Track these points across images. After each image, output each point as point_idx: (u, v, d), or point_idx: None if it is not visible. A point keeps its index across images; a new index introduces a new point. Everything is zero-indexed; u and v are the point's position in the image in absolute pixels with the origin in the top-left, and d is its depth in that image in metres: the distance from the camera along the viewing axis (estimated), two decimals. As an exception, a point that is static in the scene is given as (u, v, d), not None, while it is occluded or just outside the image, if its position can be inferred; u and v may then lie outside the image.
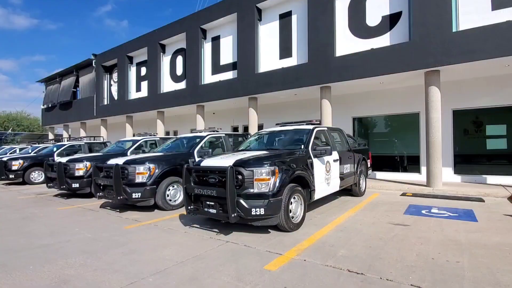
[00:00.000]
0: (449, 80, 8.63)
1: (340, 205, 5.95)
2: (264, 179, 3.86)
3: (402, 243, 3.62)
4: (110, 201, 6.38)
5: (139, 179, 5.65)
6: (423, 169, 9.11)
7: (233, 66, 12.15)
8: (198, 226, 4.61)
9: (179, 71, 14.63)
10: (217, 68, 12.87)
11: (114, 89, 19.41)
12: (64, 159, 7.95)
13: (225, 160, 4.17)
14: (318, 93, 9.67)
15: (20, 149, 15.99)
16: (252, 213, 3.78)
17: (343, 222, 4.65)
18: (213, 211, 4.09)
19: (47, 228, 4.75)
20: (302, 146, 4.92)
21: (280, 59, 10.74)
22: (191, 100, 13.21)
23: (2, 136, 35.39)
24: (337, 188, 5.66)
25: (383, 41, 8.50)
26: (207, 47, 13.35)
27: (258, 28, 11.24)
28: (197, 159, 5.33)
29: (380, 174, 10.15)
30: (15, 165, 11.36)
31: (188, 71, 13.61)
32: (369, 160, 7.56)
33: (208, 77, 13.18)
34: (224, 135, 7.56)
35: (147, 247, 3.69)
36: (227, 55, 12.47)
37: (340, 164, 5.78)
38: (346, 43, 9.13)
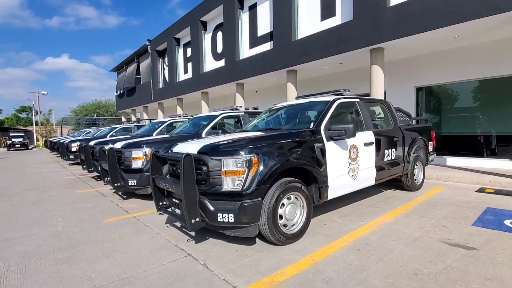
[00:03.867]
0: None
1: (379, 204, 4.39)
2: (236, 172, 2.71)
3: (453, 288, 2.12)
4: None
5: (135, 164, 5.08)
6: (521, 154, 6.54)
7: (270, 36, 10.75)
8: (179, 225, 3.76)
9: (220, 48, 13.84)
10: (254, 40, 11.62)
11: (167, 72, 19.88)
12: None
13: (192, 146, 3.14)
14: (367, 59, 7.68)
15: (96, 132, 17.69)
16: (219, 220, 2.72)
17: (369, 234, 3.21)
18: (179, 211, 3.15)
19: (36, 215, 4.53)
20: (311, 125, 3.53)
21: (322, 20, 8.92)
22: (229, 78, 12.37)
23: (90, 121, 41.16)
24: (370, 182, 4.12)
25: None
26: (244, 18, 12.13)
27: (296, -14, 9.50)
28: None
29: (452, 160, 7.77)
30: (74, 147, 12.40)
31: (226, 46, 12.71)
32: (431, 143, 5.57)
33: (246, 51, 12.05)
34: (242, 113, 6.49)
35: (94, 253, 2.99)
36: (265, 24, 11.07)
37: (378, 148, 4.17)
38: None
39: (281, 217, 2.94)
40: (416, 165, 5.09)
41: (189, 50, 16.44)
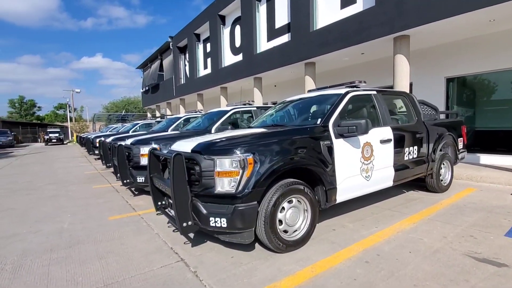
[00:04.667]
0: None
1: (398, 207, 3.98)
2: (230, 173, 2.48)
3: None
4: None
5: (143, 161, 5.02)
6: None
7: (288, 28, 10.33)
8: (180, 225, 3.62)
9: (238, 42, 13.61)
10: (272, 32, 11.25)
11: (188, 68, 20.05)
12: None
13: (189, 144, 2.95)
14: (391, 48, 7.09)
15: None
16: (211, 224, 2.52)
17: (382, 243, 2.87)
18: (173, 213, 2.99)
19: (49, 210, 4.62)
20: (319, 121, 3.20)
21: (341, 8, 8.38)
22: (247, 72, 12.13)
23: (119, 117, 42.97)
24: (387, 184, 3.72)
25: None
26: (262, 10, 11.79)
27: (315, -27, 9.00)
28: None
29: (487, 158, 7.01)
30: (98, 143, 12.85)
31: (244, 40, 12.46)
32: (460, 139, 5.00)
33: (264, 44, 11.72)
34: (255, 108, 6.24)
35: (89, 254, 2.91)
36: (283, 15, 10.66)
37: (397, 146, 3.75)
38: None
39: (281, 222, 2.69)
40: (443, 164, 4.57)
41: (208, 46, 16.37)
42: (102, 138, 11.80)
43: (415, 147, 4.05)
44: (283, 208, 2.69)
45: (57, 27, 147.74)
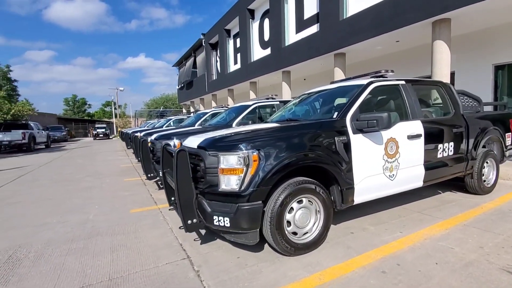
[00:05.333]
0: None
1: (429, 210, 3.58)
2: (234, 171, 2.37)
3: None
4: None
5: (165, 156, 5.11)
6: None
7: (317, 18, 9.89)
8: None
9: (267, 36, 13.41)
10: (301, 24, 10.87)
11: (219, 64, 20.29)
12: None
13: (197, 140, 2.89)
14: (429, 34, 6.41)
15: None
16: (215, 223, 2.44)
17: (405, 251, 2.57)
18: (182, 209, 2.97)
19: (80, 201, 4.90)
20: (335, 115, 2.95)
21: (374, -7, 7.77)
22: (275, 66, 11.91)
23: (158, 113, 45.17)
24: (416, 184, 3.35)
25: None
26: (290, 1, 11.43)
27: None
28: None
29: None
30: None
31: (272, 33, 12.21)
32: (509, 134, 4.35)
33: (293, 36, 11.39)
34: (277, 103, 6.06)
35: (104, 246, 3.00)
36: (312, 5, 10.23)
37: (429, 141, 3.36)
38: None
39: (289, 223, 2.52)
40: (486, 162, 4.02)
41: (238, 41, 16.38)
42: (138, 133, 12.40)
43: (451, 143, 3.59)
44: (291, 208, 2.52)
45: (105, 30, 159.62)
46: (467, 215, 3.36)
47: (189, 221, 2.54)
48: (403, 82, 3.47)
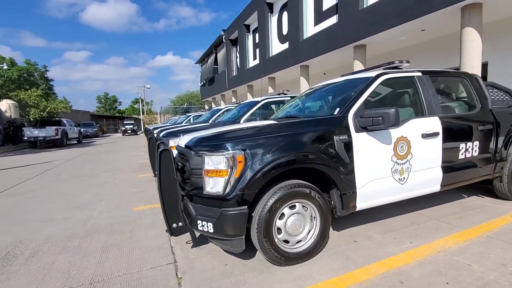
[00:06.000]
0: None
1: (449, 217, 3.19)
2: (218, 172, 2.20)
3: None
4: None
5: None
6: None
7: (336, 9, 9.40)
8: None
9: (285, 29, 13.04)
10: (320, 15, 10.41)
11: (239, 60, 20.18)
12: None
13: (188, 138, 2.74)
14: (458, 20, 5.80)
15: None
16: (199, 227, 2.28)
17: (412, 266, 2.26)
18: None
19: (91, 197, 4.98)
20: (336, 111, 2.67)
21: (398, -21, 7.18)
22: (293, 61, 11.56)
23: (182, 109, 46.25)
24: (433, 188, 2.98)
25: None
26: (309, -8, 10.98)
27: None
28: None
29: None
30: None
31: (291, 26, 11.84)
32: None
33: (311, 29, 10.96)
34: (288, 98, 5.79)
35: (97, 245, 2.97)
36: (331, -5, 9.74)
37: (448, 140, 2.97)
38: None
39: (280, 230, 2.31)
40: (520, 164, 3.52)
41: (257, 36, 16.14)
42: (156, 130, 12.60)
43: (477, 142, 3.16)
44: (282, 214, 2.30)
45: (136, 30, 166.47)
46: (492, 225, 2.94)
47: (174, 224, 2.41)
48: (419, 74, 3.09)
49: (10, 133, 19.61)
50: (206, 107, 32.66)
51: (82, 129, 26.15)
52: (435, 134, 2.88)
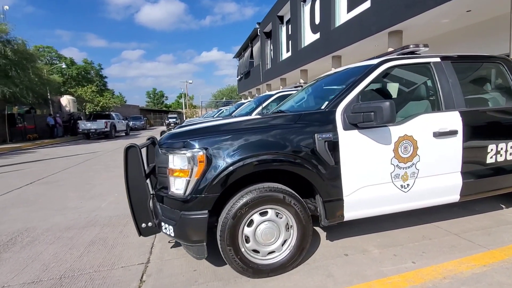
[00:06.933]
0: None
1: (471, 233, 2.64)
2: (180, 172, 2.03)
3: None
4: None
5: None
6: None
7: (371, -9, 8.57)
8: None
9: (318, 19, 12.36)
10: (353, 0, 9.61)
11: (272, 53, 19.80)
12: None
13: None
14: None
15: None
16: (163, 229, 2.16)
17: (404, 291, 1.88)
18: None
19: (108, 188, 5.18)
20: (324, 105, 2.32)
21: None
22: (324, 51, 10.93)
23: (222, 103, 47.34)
24: (450, 198, 2.48)
25: None
26: (343, -24, 10.21)
27: None
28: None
29: None
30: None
31: (323, 14, 11.17)
32: None
33: (344, 16, 10.20)
34: (305, 91, 5.40)
35: (87, 238, 3.02)
36: (366, -23, 8.91)
37: (470, 140, 2.43)
38: None
39: (247, 239, 2.07)
40: None
41: (290, 28, 15.61)
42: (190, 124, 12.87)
43: (510, 143, 2.55)
44: (252, 221, 2.06)
45: (184, 28, 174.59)
46: (527, 247, 2.36)
47: (143, 224, 2.31)
48: (437, 60, 2.56)
49: (70, 126, 21.92)
50: (243, 100, 32.91)
51: (131, 122, 28.17)
52: (453, 133, 2.37)
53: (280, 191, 2.06)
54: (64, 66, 28.45)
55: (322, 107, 2.29)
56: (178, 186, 2.04)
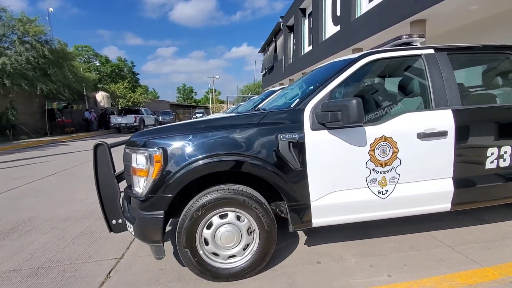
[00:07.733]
0: None
1: (469, 245, 2.35)
2: (140, 171, 2.02)
3: None
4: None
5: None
6: None
7: (393, -22, 7.98)
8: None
9: (339, 9, 11.82)
10: (376, -11, 9.04)
11: (295, 47, 19.37)
12: None
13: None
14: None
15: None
16: (127, 228, 2.17)
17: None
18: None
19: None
20: (294, 103, 2.17)
21: None
22: (344, 44, 10.44)
23: (247, 98, 47.58)
24: (439, 206, 2.22)
25: None
26: (365, -37, 9.62)
27: None
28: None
29: None
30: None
31: (343, 3, 10.65)
32: None
33: (365, 6, 9.64)
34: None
35: (78, 230, 3.16)
36: (389, -37, 8.30)
37: (463, 141, 2.15)
38: None
39: (206, 242, 2.02)
40: None
41: (312, 20, 15.12)
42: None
43: (520, 147, 2.22)
44: (211, 223, 2.00)
45: (215, 24, 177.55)
46: (530, 266, 2.05)
47: (114, 221, 2.33)
48: (431, 52, 2.29)
49: (104, 120, 23.32)
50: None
51: (160, 117, 29.21)
52: (442, 134, 2.11)
53: (240, 193, 1.97)
54: (98, 64, 30.08)
55: (292, 105, 2.15)
56: (139, 185, 2.04)
